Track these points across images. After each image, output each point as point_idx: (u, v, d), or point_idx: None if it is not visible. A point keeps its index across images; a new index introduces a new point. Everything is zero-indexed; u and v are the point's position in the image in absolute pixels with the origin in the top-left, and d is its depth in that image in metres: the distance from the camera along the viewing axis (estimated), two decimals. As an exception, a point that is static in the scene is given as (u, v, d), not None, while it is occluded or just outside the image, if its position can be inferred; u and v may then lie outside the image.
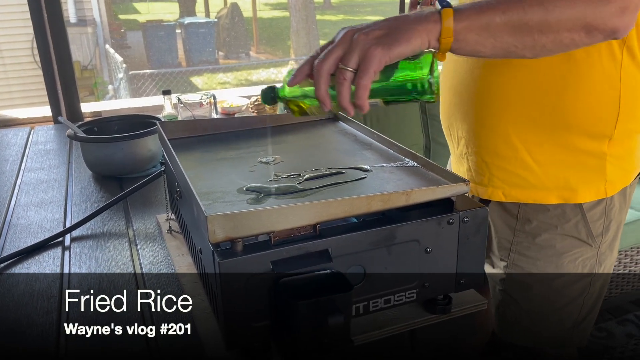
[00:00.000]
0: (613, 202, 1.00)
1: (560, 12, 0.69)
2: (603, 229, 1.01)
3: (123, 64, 5.92)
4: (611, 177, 0.96)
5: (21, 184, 1.27)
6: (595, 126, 0.92)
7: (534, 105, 0.92)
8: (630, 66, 0.88)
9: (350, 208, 0.67)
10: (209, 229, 0.61)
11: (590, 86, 0.89)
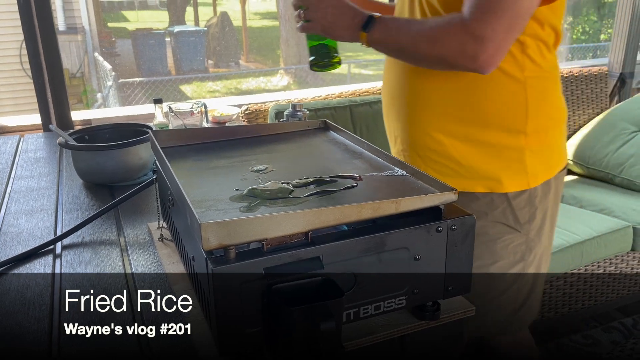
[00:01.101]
0: (537, 191, 1.09)
1: (427, 52, 0.96)
2: (529, 216, 1.11)
3: (112, 72, 5.91)
4: (532, 169, 1.06)
5: (11, 192, 1.27)
6: (508, 122, 1.03)
7: (454, 105, 1.04)
8: (532, 69, 1.01)
9: (341, 216, 0.69)
10: (202, 237, 0.62)
11: (497, 87, 1.02)
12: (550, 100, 1.07)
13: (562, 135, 1.13)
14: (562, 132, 1.13)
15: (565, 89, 2.46)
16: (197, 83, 8.72)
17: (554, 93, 1.08)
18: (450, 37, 0.91)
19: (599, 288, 2.05)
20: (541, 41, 1.02)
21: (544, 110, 1.06)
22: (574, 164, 2.43)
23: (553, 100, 1.08)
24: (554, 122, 1.09)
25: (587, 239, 1.87)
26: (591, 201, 2.15)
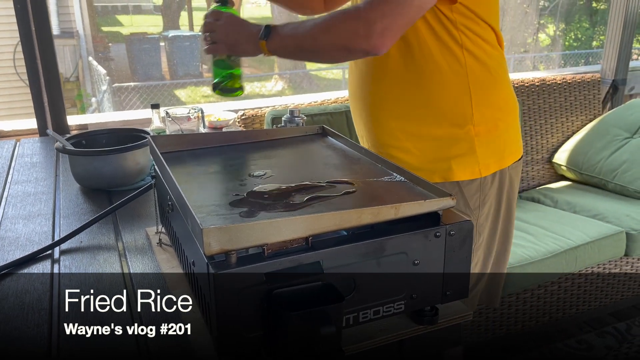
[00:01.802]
0: (487, 179, 1.17)
1: (325, 42, 1.03)
2: (479, 203, 1.19)
3: (106, 76, 5.90)
4: (483, 160, 1.15)
5: (8, 197, 1.27)
6: (456, 115, 1.12)
7: (406, 104, 1.13)
8: (473, 64, 1.10)
9: (341, 221, 0.69)
10: (204, 242, 0.62)
11: (442, 83, 1.10)
12: (495, 93, 1.15)
13: (513, 126, 1.21)
14: (513, 124, 1.21)
15: (558, 95, 2.48)
16: (191, 88, 8.71)
17: (500, 86, 1.16)
18: (344, 24, 1.00)
19: (593, 293, 2.06)
20: (479, 37, 1.10)
21: (490, 102, 1.14)
22: (568, 170, 2.46)
23: (499, 93, 1.16)
24: (502, 114, 1.17)
25: (581, 244, 1.89)
26: (585, 207, 2.18)
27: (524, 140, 2.41)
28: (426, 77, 1.11)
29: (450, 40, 1.09)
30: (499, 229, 1.25)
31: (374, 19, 0.96)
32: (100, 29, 11.50)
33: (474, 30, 1.09)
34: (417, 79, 1.11)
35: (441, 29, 1.08)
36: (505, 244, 1.30)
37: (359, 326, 0.74)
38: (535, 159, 2.47)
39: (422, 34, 1.08)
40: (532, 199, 2.33)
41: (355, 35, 0.99)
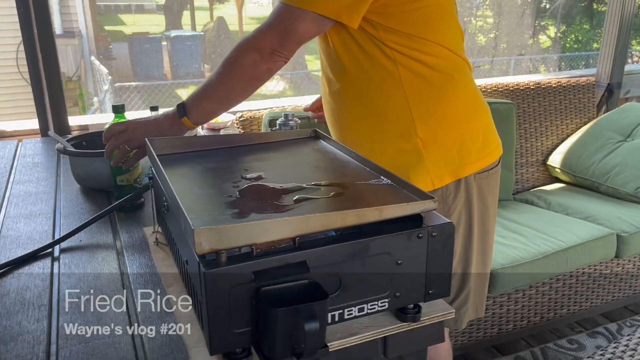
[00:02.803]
0: (449, 190, 1.19)
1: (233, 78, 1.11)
2: (444, 214, 1.19)
3: (108, 76, 5.94)
4: (434, 172, 1.17)
5: (10, 196, 1.30)
6: (400, 128, 1.15)
7: (358, 120, 1.19)
8: (410, 78, 1.13)
9: (327, 222, 0.73)
10: (195, 241, 0.65)
11: (381, 98, 1.15)
12: (443, 106, 1.16)
13: (472, 136, 1.19)
14: (472, 134, 1.19)
15: (553, 98, 2.51)
16: (193, 87, 8.73)
17: (449, 98, 1.17)
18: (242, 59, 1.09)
19: (584, 294, 2.09)
20: (417, 51, 1.12)
21: (436, 115, 1.16)
22: (562, 172, 2.49)
23: (448, 105, 1.17)
24: (454, 125, 1.17)
25: (572, 245, 1.92)
26: (577, 209, 2.21)
27: (519, 143, 2.45)
28: (364, 94, 1.16)
29: (382, 56, 1.12)
30: (474, 244, 1.25)
31: (262, 45, 1.07)
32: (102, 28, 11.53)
33: (408, 45, 1.11)
34: (358, 97, 1.17)
35: (371, 47, 1.12)
36: (484, 260, 1.30)
37: (344, 323, 0.78)
38: (530, 161, 2.50)
39: (354, 53, 1.13)
40: (526, 201, 2.36)
41: (253, 67, 1.09)
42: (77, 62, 7.33)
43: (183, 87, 8.62)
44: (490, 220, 1.29)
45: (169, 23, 12.11)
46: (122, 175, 1.19)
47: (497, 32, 8.89)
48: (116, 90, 6.09)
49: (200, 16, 12.76)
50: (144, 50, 9.23)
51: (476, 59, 8.38)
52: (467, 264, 1.27)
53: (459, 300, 1.29)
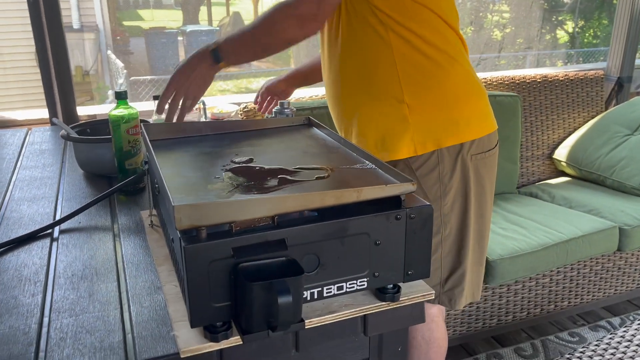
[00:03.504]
0: (445, 170, 1.24)
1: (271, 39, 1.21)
2: (440, 193, 1.25)
3: (124, 69, 6.02)
4: (417, 138, 1.22)
5: (16, 181, 1.35)
6: (388, 92, 1.21)
7: (353, 83, 1.25)
8: (400, 46, 1.19)
9: (305, 202, 0.75)
10: (175, 217, 0.68)
11: (374, 64, 1.21)
12: (432, 77, 1.21)
13: (459, 113, 1.23)
14: (461, 111, 1.24)
15: (560, 92, 2.50)
16: (208, 82, 8.80)
17: (439, 72, 1.21)
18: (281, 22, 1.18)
19: (585, 287, 2.09)
20: (411, 20, 1.17)
21: (422, 84, 1.21)
22: (567, 166, 2.48)
23: (437, 78, 1.22)
24: (442, 97, 1.22)
25: (573, 237, 1.92)
26: (581, 202, 2.20)
27: (525, 136, 2.44)
28: (356, 58, 1.23)
29: (374, 20, 1.18)
30: (471, 226, 1.28)
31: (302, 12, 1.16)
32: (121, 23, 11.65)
33: (401, 12, 1.17)
34: (351, 62, 1.24)
35: (365, 11, 1.18)
36: (480, 242, 1.34)
37: (324, 300, 0.80)
38: (536, 154, 2.50)
39: (350, 16, 1.21)
40: (530, 194, 2.36)
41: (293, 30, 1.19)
42: (94, 56, 7.43)
43: (198, 81, 8.67)
44: (487, 202, 1.31)
45: (186, 18, 12.21)
46: (130, 159, 1.23)
47: (513, 27, 8.80)
48: (131, 83, 6.17)
49: (218, 11, 12.83)
50: (161, 45, 9.32)
51: (491, 54, 8.31)
52: (462, 243, 1.30)
53: (453, 279, 1.32)
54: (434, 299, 1.33)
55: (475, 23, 8.23)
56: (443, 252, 1.30)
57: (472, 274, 1.34)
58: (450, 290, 1.33)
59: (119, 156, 1.23)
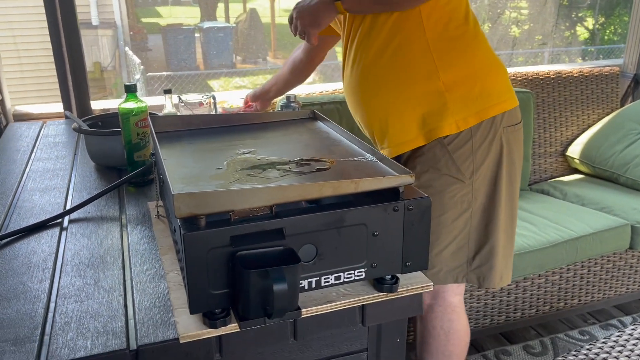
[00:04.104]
0: (477, 143, 1.24)
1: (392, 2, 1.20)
2: (473, 168, 1.25)
3: (140, 65, 6.09)
4: (458, 114, 1.22)
5: (29, 172, 1.38)
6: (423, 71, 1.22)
7: (384, 82, 1.25)
8: (430, 23, 1.21)
9: (303, 193, 0.76)
10: (175, 206, 0.70)
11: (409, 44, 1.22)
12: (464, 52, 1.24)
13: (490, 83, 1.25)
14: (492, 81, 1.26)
15: (574, 88, 2.47)
16: (224, 78, 8.86)
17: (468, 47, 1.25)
18: None
19: (596, 285, 2.07)
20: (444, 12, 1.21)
21: (455, 60, 1.23)
22: (580, 163, 2.45)
23: (469, 53, 1.25)
24: (474, 71, 1.24)
25: (583, 235, 1.90)
26: (593, 200, 2.18)
27: (537, 133, 2.42)
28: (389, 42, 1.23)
29: None
30: (502, 199, 1.28)
31: None
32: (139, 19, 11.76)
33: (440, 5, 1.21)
34: (384, 47, 1.24)
35: None
36: (511, 217, 1.33)
37: (322, 290, 0.82)
38: (549, 151, 2.47)
39: None
40: (542, 191, 2.34)
41: None
42: (112, 52, 7.52)
43: (214, 77, 8.74)
44: (517, 177, 1.32)
45: (203, 15, 12.29)
46: (139, 152, 1.25)
47: (531, 24, 8.70)
48: (147, 79, 6.24)
49: (234, 8, 12.88)
50: (178, 42, 9.40)
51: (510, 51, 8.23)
52: (492, 217, 1.29)
53: (481, 255, 1.31)
54: (460, 278, 1.32)
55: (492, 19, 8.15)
56: (471, 227, 1.29)
57: (503, 249, 1.32)
58: (479, 267, 1.31)
59: (128, 148, 1.25)
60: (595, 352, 1.44)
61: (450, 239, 1.29)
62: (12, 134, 1.73)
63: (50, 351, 0.72)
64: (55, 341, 0.74)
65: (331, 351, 0.87)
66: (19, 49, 5.09)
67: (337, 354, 0.88)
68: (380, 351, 0.90)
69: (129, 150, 1.25)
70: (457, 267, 1.31)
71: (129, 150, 1.25)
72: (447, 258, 1.30)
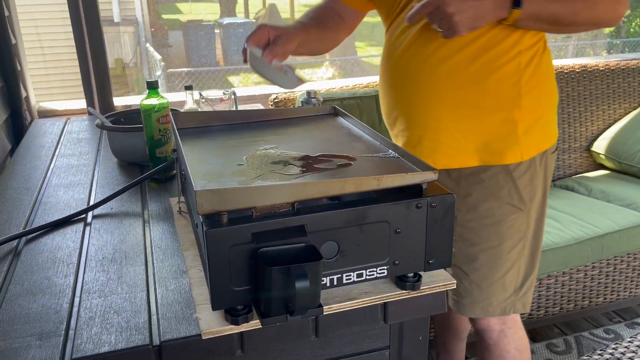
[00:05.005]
0: (537, 170, 1.18)
1: (584, 18, 1.06)
2: (531, 194, 1.19)
3: (161, 62, 6.14)
4: (525, 142, 1.15)
5: (54, 168, 1.40)
6: (503, 102, 1.13)
7: (457, 90, 1.13)
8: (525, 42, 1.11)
9: (325, 189, 0.75)
10: (197, 202, 0.70)
11: (501, 74, 1.11)
12: (543, 79, 1.16)
13: (553, 114, 1.21)
14: (553, 112, 1.21)
15: (600, 82, 2.42)
16: (244, 74, 8.90)
17: (547, 73, 1.17)
18: (605, 3, 1.05)
19: (622, 283, 2.03)
20: None
21: (535, 87, 1.14)
22: (606, 159, 2.40)
23: (546, 80, 1.17)
24: (544, 98, 1.17)
25: (609, 232, 1.86)
26: (619, 196, 2.13)
27: (562, 128, 2.38)
28: (488, 69, 1.11)
29: None
30: (544, 225, 1.25)
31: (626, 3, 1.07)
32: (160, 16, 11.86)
33: None
34: (480, 68, 1.11)
35: None
36: (540, 239, 1.27)
37: (343, 287, 0.81)
38: (573, 147, 2.43)
39: None
40: (566, 187, 2.30)
41: (612, 15, 1.06)
42: (134, 49, 7.60)
43: (234, 73, 8.78)
44: (547, 202, 1.26)
45: (223, 11, 12.35)
46: (161, 148, 1.26)
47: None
48: (168, 75, 6.29)
49: (254, 4, 12.92)
50: (198, 38, 9.46)
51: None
52: (537, 245, 1.24)
53: (527, 283, 1.25)
54: (508, 309, 1.25)
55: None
56: (523, 256, 1.23)
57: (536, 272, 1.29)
58: (525, 294, 1.26)
59: (150, 145, 1.26)
60: (621, 351, 1.41)
61: (504, 271, 1.22)
62: (37, 131, 1.76)
63: (75, 346, 0.73)
64: (80, 336, 0.75)
65: (353, 349, 0.87)
66: (44, 47, 5.18)
67: (358, 352, 0.87)
68: (403, 349, 0.89)
69: (151, 147, 1.26)
70: (507, 298, 1.25)
71: (150, 146, 1.26)
72: (499, 290, 1.24)
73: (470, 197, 1.19)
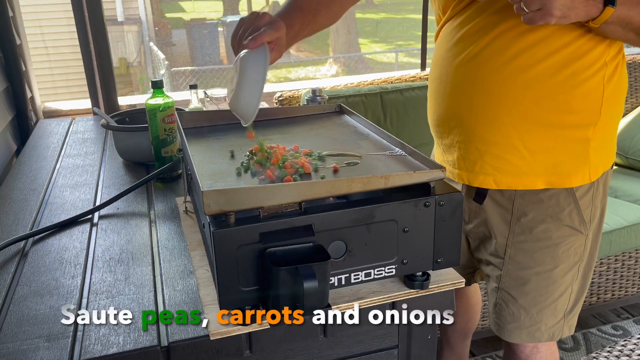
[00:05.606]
0: (598, 189, 1.08)
1: None
2: (591, 216, 1.09)
3: (165, 61, 6.15)
4: (594, 162, 1.05)
5: (60, 168, 1.40)
6: (583, 119, 1.03)
7: (534, 104, 1.01)
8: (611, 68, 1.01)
9: (332, 189, 0.75)
10: (204, 203, 0.70)
11: (585, 88, 1.00)
12: (621, 98, 1.07)
13: (616, 130, 1.12)
14: (617, 127, 1.12)
15: (606, 77, 2.40)
16: (247, 72, 8.88)
17: (624, 89, 1.07)
18: None
19: (630, 279, 2.02)
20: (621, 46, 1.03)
21: (613, 106, 1.05)
22: (613, 154, 2.38)
23: (622, 97, 1.07)
24: (616, 117, 1.08)
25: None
26: (627, 192, 2.12)
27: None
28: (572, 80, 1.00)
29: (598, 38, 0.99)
30: (598, 246, 1.18)
31: None
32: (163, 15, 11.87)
33: None
34: (562, 80, 1.00)
35: None
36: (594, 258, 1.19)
37: (351, 287, 0.81)
38: (580, 142, 2.41)
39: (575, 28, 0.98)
40: (573, 183, 2.28)
41: None
42: (137, 48, 7.61)
43: (238, 71, 8.76)
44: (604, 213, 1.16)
45: (226, 9, 12.34)
46: (167, 147, 1.26)
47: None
48: (172, 74, 6.30)
49: (257, 2, 12.91)
50: (202, 36, 9.46)
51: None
52: (590, 266, 1.16)
53: (577, 306, 1.18)
54: (557, 334, 1.17)
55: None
56: (575, 280, 1.14)
57: None
58: (573, 317, 1.19)
59: (156, 144, 1.26)
60: (630, 348, 1.40)
61: (557, 296, 1.13)
62: (43, 131, 1.76)
63: (84, 347, 0.73)
64: (88, 337, 0.75)
65: (361, 348, 0.86)
66: (48, 47, 5.19)
67: (367, 351, 0.87)
68: (411, 349, 0.89)
69: (157, 146, 1.26)
70: (556, 323, 1.16)
71: (156, 146, 1.26)
72: (549, 315, 1.15)
73: (525, 217, 1.09)
